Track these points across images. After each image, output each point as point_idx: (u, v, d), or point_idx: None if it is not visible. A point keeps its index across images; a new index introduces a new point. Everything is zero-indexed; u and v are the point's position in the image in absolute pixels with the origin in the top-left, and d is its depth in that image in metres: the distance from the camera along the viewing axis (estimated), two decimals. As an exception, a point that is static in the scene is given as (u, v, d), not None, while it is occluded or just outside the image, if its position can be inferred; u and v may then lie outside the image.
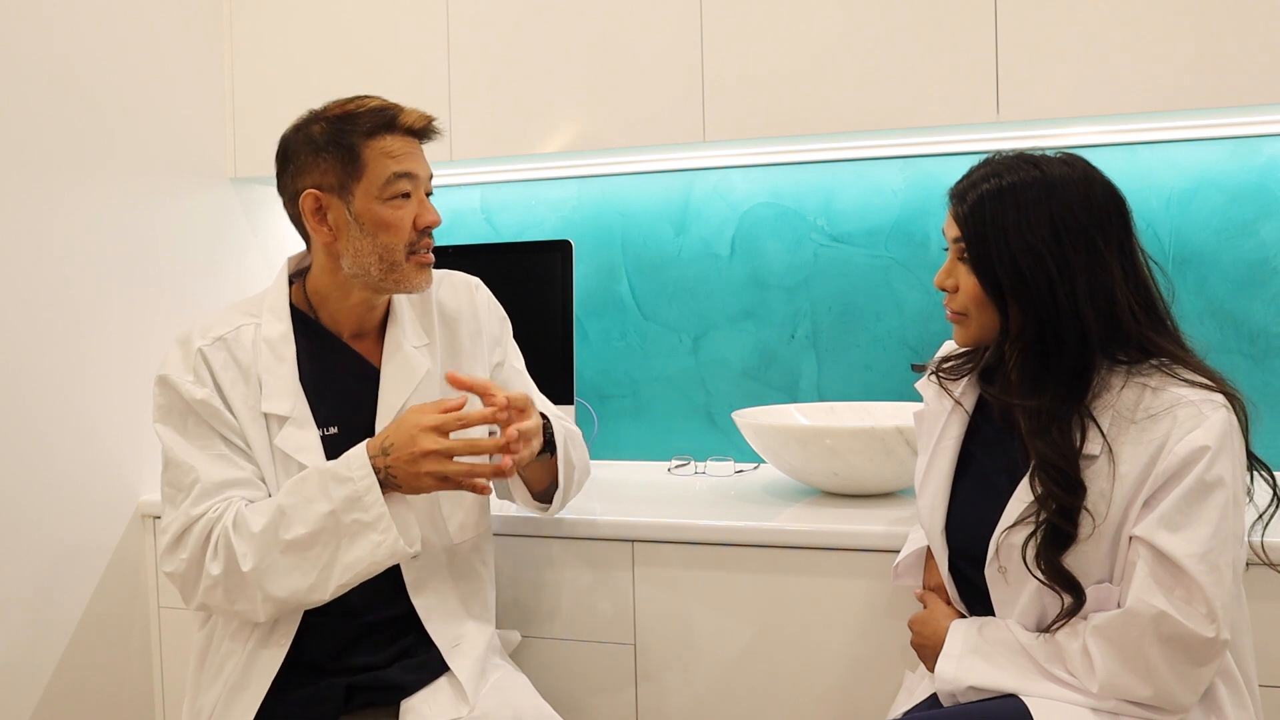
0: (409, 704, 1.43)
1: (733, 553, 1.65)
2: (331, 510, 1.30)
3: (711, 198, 2.25)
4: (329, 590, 1.33)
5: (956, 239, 1.25)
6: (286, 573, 1.32)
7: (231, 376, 1.41)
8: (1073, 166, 1.22)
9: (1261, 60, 1.62)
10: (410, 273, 1.43)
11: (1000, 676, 1.18)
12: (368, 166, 1.41)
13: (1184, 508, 1.11)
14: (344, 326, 1.49)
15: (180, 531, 1.35)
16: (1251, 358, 1.92)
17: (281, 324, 1.45)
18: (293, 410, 1.41)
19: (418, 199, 1.44)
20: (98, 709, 1.91)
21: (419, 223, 1.43)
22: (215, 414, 1.39)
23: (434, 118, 1.46)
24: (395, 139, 1.42)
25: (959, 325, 1.29)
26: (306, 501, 1.32)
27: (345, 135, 1.41)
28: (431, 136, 1.47)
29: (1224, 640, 1.09)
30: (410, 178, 1.42)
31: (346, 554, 1.31)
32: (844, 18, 1.82)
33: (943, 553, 1.33)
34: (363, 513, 1.30)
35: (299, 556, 1.32)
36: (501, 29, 2.03)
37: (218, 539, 1.33)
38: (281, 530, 1.31)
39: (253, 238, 2.31)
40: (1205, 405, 1.13)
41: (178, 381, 1.40)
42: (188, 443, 1.39)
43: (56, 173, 1.84)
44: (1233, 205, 1.93)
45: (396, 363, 1.48)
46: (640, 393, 2.30)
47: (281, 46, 2.18)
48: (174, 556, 1.36)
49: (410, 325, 1.52)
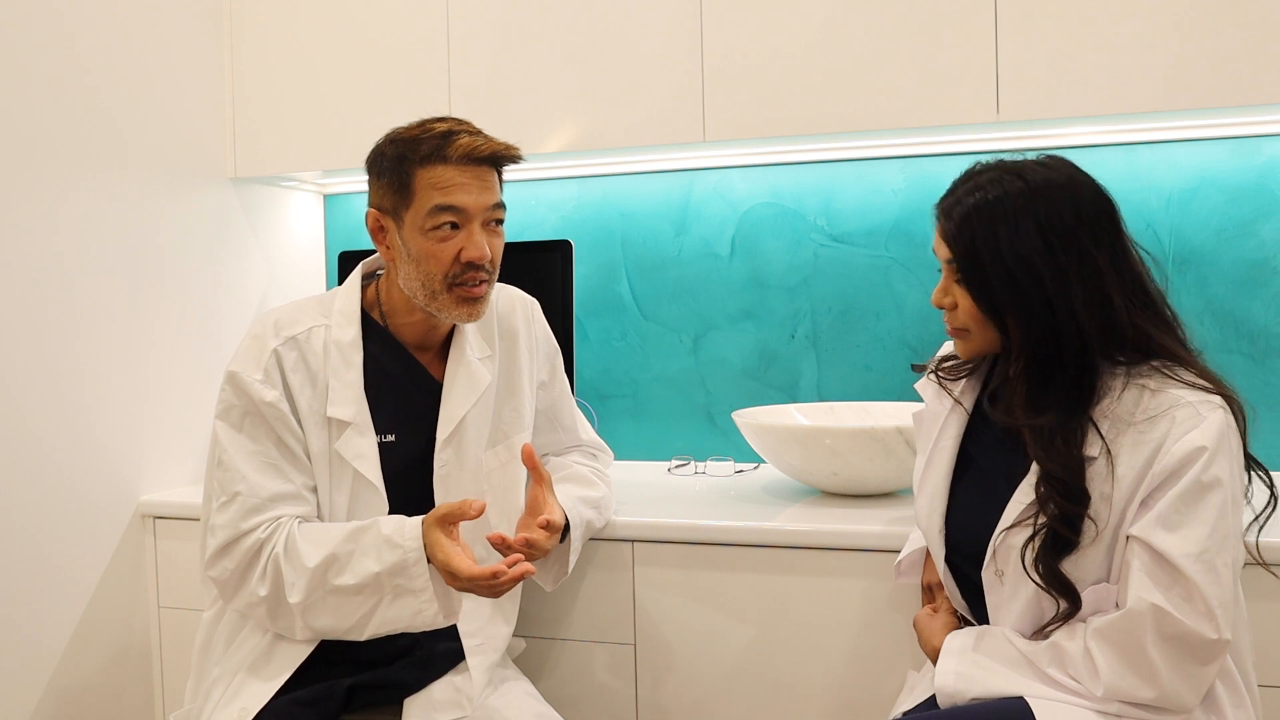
0: (412, 702, 1.44)
1: (733, 553, 1.65)
2: (379, 572, 1.33)
3: (711, 198, 2.25)
4: (365, 634, 1.36)
5: (949, 260, 1.24)
6: (330, 611, 1.35)
7: (300, 379, 1.41)
8: (1055, 170, 1.21)
9: (1261, 60, 1.62)
10: (450, 304, 1.42)
11: (1002, 685, 1.17)
12: (415, 196, 1.39)
13: (1181, 508, 1.11)
14: (410, 338, 1.49)
15: (227, 542, 1.37)
16: (1251, 358, 1.92)
17: (352, 328, 1.45)
18: (355, 416, 1.42)
19: (468, 232, 1.40)
20: (98, 709, 1.91)
21: (463, 256, 1.39)
22: (281, 418, 1.39)
23: (502, 148, 1.41)
24: (448, 169, 1.38)
25: (961, 340, 1.28)
26: (360, 555, 1.34)
27: (404, 161, 1.39)
28: (502, 164, 1.43)
29: (1225, 640, 1.09)
30: (455, 210, 1.38)
31: (388, 610, 1.34)
32: (844, 18, 1.82)
33: (940, 553, 1.32)
34: (408, 580, 1.33)
35: (343, 600, 1.34)
36: (501, 29, 2.02)
37: (267, 562, 1.35)
38: (332, 574, 1.34)
39: (253, 238, 2.31)
40: (1203, 406, 1.13)
41: (248, 382, 1.39)
42: (242, 447, 1.39)
43: (56, 172, 1.84)
44: (1233, 205, 1.93)
45: (461, 375, 1.49)
46: (640, 393, 2.30)
47: (282, 46, 2.18)
48: (219, 564, 1.37)
49: (474, 336, 1.53)
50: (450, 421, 1.47)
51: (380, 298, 1.50)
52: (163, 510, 1.99)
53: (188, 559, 1.97)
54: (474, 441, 1.51)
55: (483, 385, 1.50)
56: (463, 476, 1.50)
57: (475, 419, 1.50)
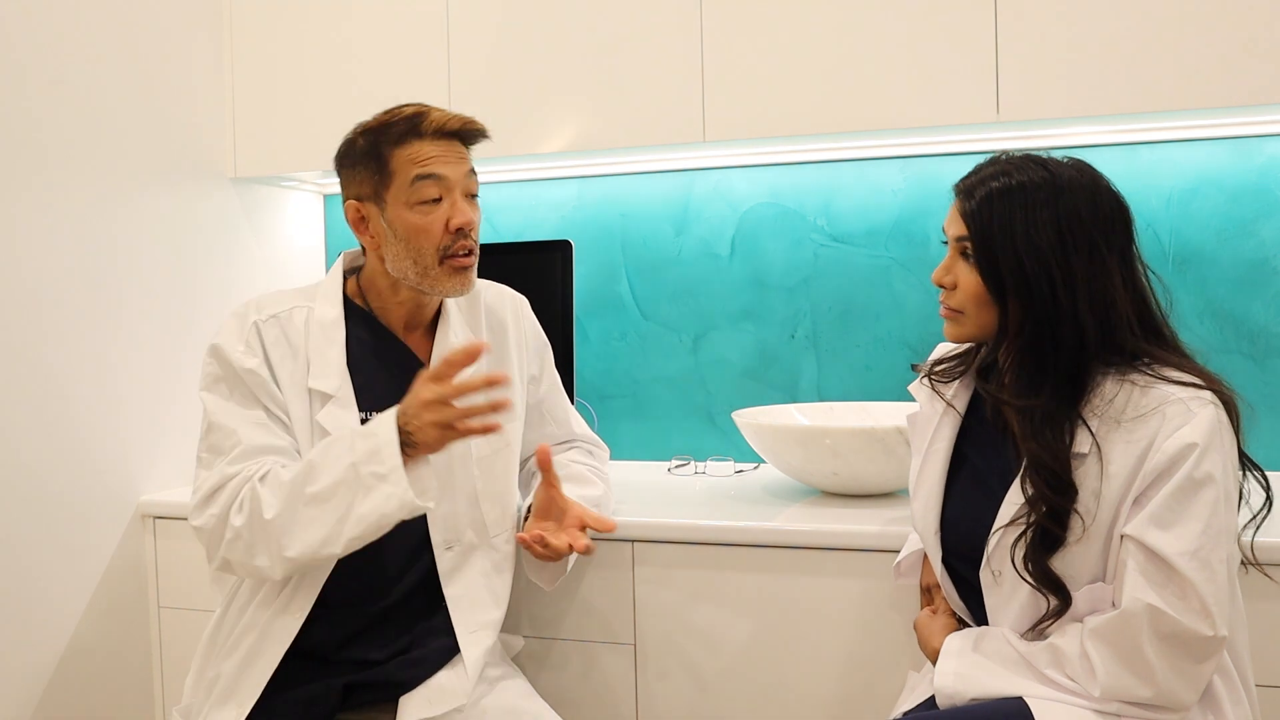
0: (408, 700, 1.44)
1: (732, 553, 1.65)
2: (353, 462, 1.31)
3: (711, 198, 2.25)
4: (341, 543, 1.32)
5: (960, 236, 1.25)
6: (305, 525, 1.32)
7: (281, 352, 1.44)
8: (1081, 172, 1.23)
9: (1261, 60, 1.61)
10: (443, 277, 1.45)
11: (1001, 686, 1.17)
12: (395, 174, 1.43)
13: (1173, 505, 1.11)
14: (395, 320, 1.52)
15: (214, 489, 1.36)
16: (1251, 358, 1.92)
17: (334, 310, 1.48)
18: (338, 390, 1.44)
19: (450, 201, 1.44)
20: (98, 709, 1.91)
21: (451, 224, 1.43)
22: (261, 384, 1.41)
23: (470, 119, 1.46)
24: (424, 144, 1.43)
25: (952, 321, 1.29)
26: (334, 457, 1.33)
27: (378, 145, 1.44)
28: (473, 138, 1.48)
29: (1222, 637, 1.09)
30: (436, 179, 1.43)
31: (361, 505, 1.31)
32: (844, 18, 1.82)
33: (936, 554, 1.33)
34: (379, 465, 1.31)
35: (319, 508, 1.33)
36: (501, 29, 2.03)
37: (245, 494, 1.35)
38: (308, 483, 1.33)
39: (253, 238, 2.31)
40: (1193, 402, 1.14)
41: (229, 350, 1.42)
42: (232, 408, 1.40)
43: (56, 172, 1.84)
44: (1233, 205, 1.93)
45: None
46: (640, 393, 2.30)
47: (282, 47, 2.18)
48: (203, 512, 1.37)
49: (459, 325, 1.55)
50: None
51: (362, 287, 1.52)
52: (163, 510, 1.99)
53: (188, 559, 1.97)
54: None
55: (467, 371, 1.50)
56: (451, 463, 1.50)
57: (462, 404, 1.50)
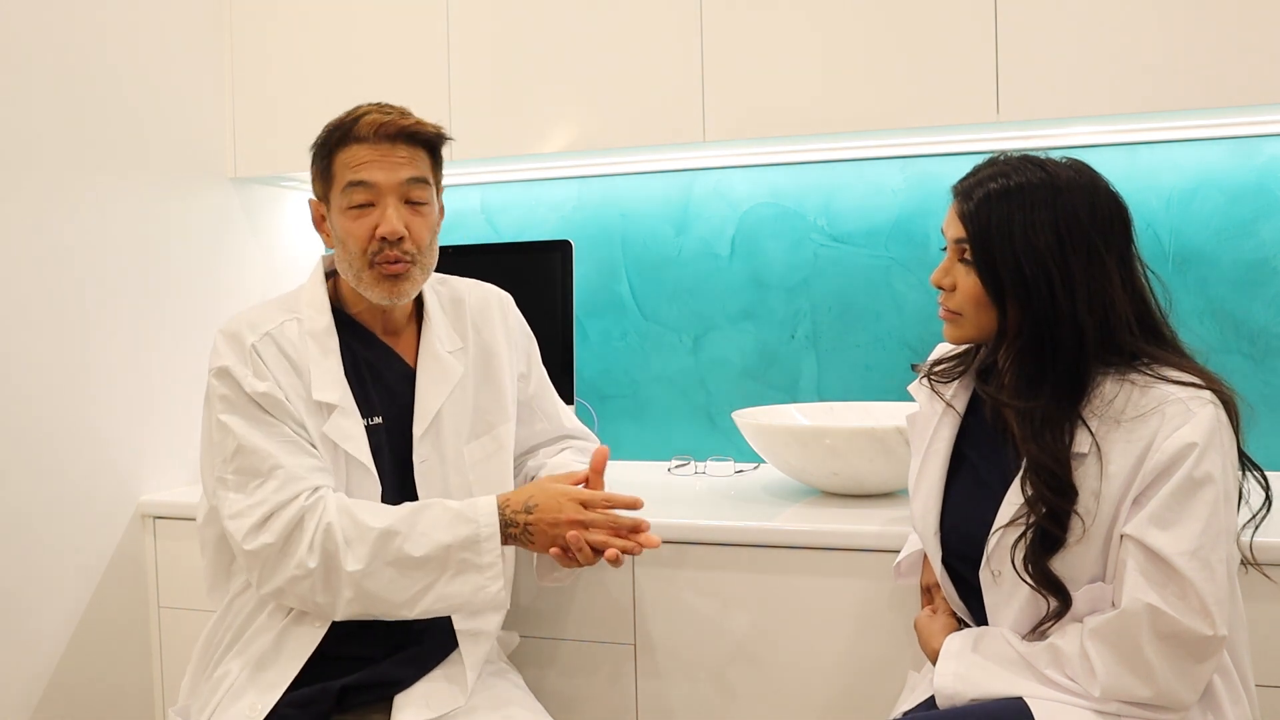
0: (403, 698, 1.44)
1: (732, 553, 1.65)
2: (449, 544, 1.33)
3: (711, 198, 2.25)
4: (415, 611, 1.35)
5: (958, 238, 1.25)
6: (386, 583, 1.34)
7: (283, 370, 1.42)
8: (1079, 173, 1.22)
9: (1261, 60, 1.61)
10: (371, 284, 1.44)
11: (1001, 686, 1.17)
12: (335, 177, 1.43)
13: (1173, 505, 1.11)
14: (374, 324, 1.51)
15: (267, 515, 1.35)
16: (1251, 358, 1.92)
17: (323, 318, 1.47)
18: (340, 400, 1.43)
19: (381, 208, 1.41)
20: (98, 709, 1.91)
21: (377, 232, 1.41)
22: (278, 405, 1.40)
23: (409, 123, 1.42)
24: (361, 148, 1.41)
25: (951, 323, 1.29)
26: (427, 528, 1.34)
27: (325, 145, 1.45)
28: (412, 140, 1.43)
29: (1221, 636, 1.09)
30: (365, 187, 1.40)
31: (447, 586, 1.34)
32: (844, 18, 1.82)
33: (936, 554, 1.33)
34: (476, 555, 1.33)
35: (403, 573, 1.34)
36: (501, 29, 2.03)
37: (315, 532, 1.33)
38: (396, 544, 1.33)
39: (253, 238, 2.31)
40: (1193, 402, 1.13)
41: (240, 376, 1.39)
42: (260, 430, 1.38)
43: (56, 172, 1.84)
44: (1233, 205, 1.93)
45: (431, 366, 1.51)
46: (640, 393, 2.30)
47: (282, 47, 2.18)
48: (257, 538, 1.35)
49: (443, 328, 1.54)
50: (425, 415, 1.48)
51: (340, 289, 1.52)
52: (163, 510, 1.99)
53: (188, 559, 1.97)
54: (452, 434, 1.51)
55: (455, 377, 1.51)
56: (445, 470, 1.50)
57: (451, 412, 1.51)
